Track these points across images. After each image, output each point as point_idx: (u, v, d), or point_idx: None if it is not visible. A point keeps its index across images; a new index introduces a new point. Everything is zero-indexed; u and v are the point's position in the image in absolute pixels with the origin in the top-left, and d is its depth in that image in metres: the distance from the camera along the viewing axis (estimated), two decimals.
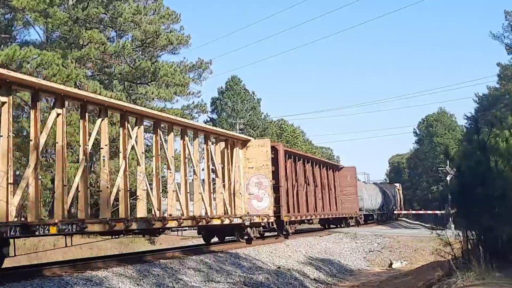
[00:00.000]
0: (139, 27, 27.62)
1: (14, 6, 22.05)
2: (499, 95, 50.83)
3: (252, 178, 18.94)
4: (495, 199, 9.13)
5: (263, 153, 19.07)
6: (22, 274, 9.58)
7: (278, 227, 20.22)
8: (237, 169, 18.40)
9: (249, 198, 18.80)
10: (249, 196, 18.81)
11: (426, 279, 10.58)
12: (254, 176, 19.00)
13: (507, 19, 49.05)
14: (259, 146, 19.22)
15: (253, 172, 18.94)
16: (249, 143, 19.19)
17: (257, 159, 18.95)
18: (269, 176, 18.87)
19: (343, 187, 31.15)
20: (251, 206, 18.75)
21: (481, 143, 9.59)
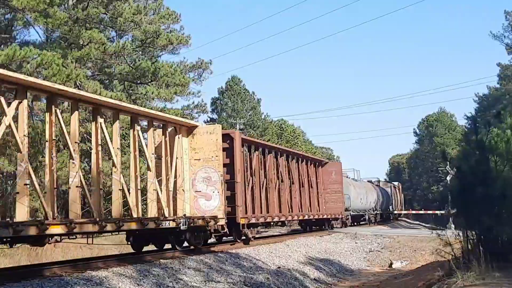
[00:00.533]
0: (139, 27, 27.59)
1: (14, 6, 22.03)
2: (499, 95, 50.83)
3: (199, 172, 15.70)
4: (495, 199, 9.13)
5: (213, 142, 15.82)
6: (22, 274, 9.59)
7: (233, 231, 17.50)
8: (179, 161, 15.32)
9: (196, 197, 15.64)
10: (196, 194, 15.65)
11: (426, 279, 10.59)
12: (201, 170, 15.72)
13: (507, 19, 49.10)
14: (208, 133, 15.94)
15: (201, 164, 15.72)
16: (196, 129, 16.08)
17: (205, 149, 15.75)
18: (219, 169, 15.66)
19: (327, 184, 28.30)
20: (197, 206, 15.65)
21: (480, 143, 9.60)
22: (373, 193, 40.77)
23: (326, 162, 30.02)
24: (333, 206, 28.25)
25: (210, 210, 15.51)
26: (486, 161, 9.44)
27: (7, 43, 26.78)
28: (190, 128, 16.20)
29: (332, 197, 28.36)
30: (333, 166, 29.69)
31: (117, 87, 30.08)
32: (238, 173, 17.13)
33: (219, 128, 16.26)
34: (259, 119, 56.68)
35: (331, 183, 28.39)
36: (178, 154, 15.38)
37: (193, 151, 15.96)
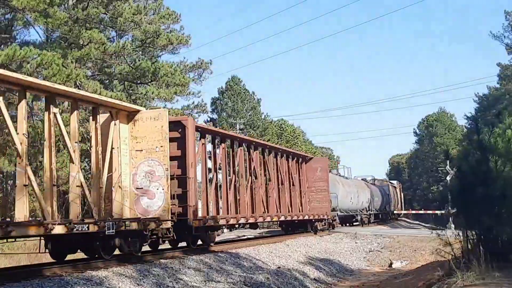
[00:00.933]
0: (139, 27, 27.60)
1: (14, 6, 22.02)
2: (499, 95, 50.83)
3: (141, 166, 13.24)
4: (495, 199, 9.13)
5: (157, 130, 13.33)
6: (22, 274, 9.59)
7: (184, 236, 14.86)
8: (115, 152, 12.90)
9: (137, 195, 13.13)
10: (137, 192, 13.13)
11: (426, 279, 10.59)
12: (144, 163, 13.26)
13: (507, 19, 49.04)
14: (152, 119, 13.45)
15: (143, 156, 13.26)
16: (139, 115, 13.56)
17: (149, 138, 13.32)
18: (164, 162, 13.11)
19: (312, 182, 25.74)
20: (139, 206, 13.15)
21: (481, 143, 9.60)
22: (366, 192, 38.05)
23: (311, 157, 27.32)
24: (318, 206, 25.65)
25: (154, 210, 12.99)
26: (486, 161, 9.44)
27: (7, 43, 26.78)
28: (131, 113, 13.62)
29: (317, 196, 25.77)
30: (319, 162, 26.94)
31: (117, 87, 30.08)
32: (191, 167, 14.46)
33: (165, 113, 13.65)
34: (259, 119, 56.70)
35: (316, 181, 25.84)
36: (115, 144, 12.90)
37: (135, 141, 13.45)
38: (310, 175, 25.83)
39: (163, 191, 13.05)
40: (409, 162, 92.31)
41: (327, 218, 26.72)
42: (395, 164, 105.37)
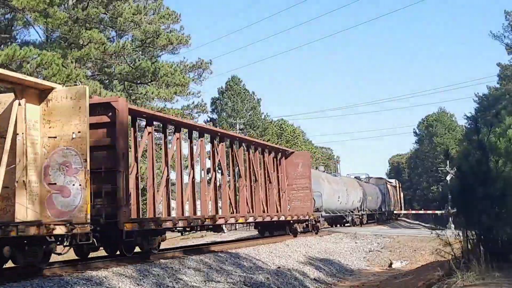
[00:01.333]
0: (139, 27, 27.62)
1: (14, 6, 22.04)
2: (499, 95, 50.85)
3: (54, 156, 10.59)
4: (495, 199, 9.14)
5: (75, 112, 10.61)
6: (22, 274, 9.58)
7: (113, 242, 12.23)
8: (20, 140, 10.32)
9: (49, 192, 10.48)
10: (49, 188, 10.50)
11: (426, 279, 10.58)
12: (58, 153, 10.59)
13: (507, 19, 49.08)
14: (69, 99, 10.71)
15: (57, 145, 10.58)
16: (53, 93, 10.80)
17: (64, 122, 10.63)
18: (82, 152, 10.41)
19: (293, 179, 23.19)
20: (52, 206, 10.43)
21: (481, 143, 9.60)
22: (358, 191, 35.14)
23: (291, 152, 24.26)
24: (299, 206, 22.99)
25: (69, 211, 10.31)
26: (486, 161, 9.44)
27: (7, 43, 26.80)
28: (43, 91, 10.85)
29: (298, 195, 23.14)
30: (300, 157, 23.94)
31: (117, 87, 30.10)
32: (122, 158, 11.93)
33: (85, 91, 10.74)
34: (259, 119, 56.72)
35: (297, 178, 23.18)
36: (19, 129, 10.33)
37: (47, 125, 10.75)
38: (291, 171, 23.12)
39: (80, 187, 10.37)
40: (409, 162, 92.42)
41: (310, 219, 23.66)
42: (395, 164, 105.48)
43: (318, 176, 27.33)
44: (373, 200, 39.84)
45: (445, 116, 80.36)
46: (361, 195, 35.66)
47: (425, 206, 66.30)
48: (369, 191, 38.94)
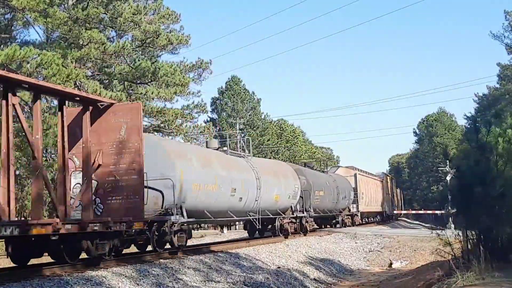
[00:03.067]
0: (139, 27, 27.59)
1: (14, 6, 22.02)
2: (499, 95, 50.81)
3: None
4: (494, 199, 9.14)
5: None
6: (22, 274, 9.58)
7: None
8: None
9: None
10: None
11: (426, 279, 10.59)
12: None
13: (507, 19, 49.00)
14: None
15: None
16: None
17: None
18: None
19: (112, 154, 12.73)
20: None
21: (481, 143, 9.60)
22: (290, 182, 22.71)
23: (108, 104, 12.86)
24: (119, 205, 12.61)
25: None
26: (486, 161, 9.44)
27: (7, 43, 26.79)
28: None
29: (119, 185, 12.63)
30: (123, 114, 12.75)
31: (117, 87, 30.08)
32: None
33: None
34: (259, 119, 56.70)
35: (121, 151, 12.73)
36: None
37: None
38: (108, 137, 12.69)
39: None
40: (409, 162, 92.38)
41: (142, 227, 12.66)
42: (395, 164, 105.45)
43: (168, 150, 15.01)
44: (328, 196, 28.00)
45: (445, 116, 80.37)
46: (297, 189, 23.20)
47: (425, 206, 66.28)
48: (320, 183, 27.03)
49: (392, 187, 51.36)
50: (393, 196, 51.81)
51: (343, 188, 31.67)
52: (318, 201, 26.21)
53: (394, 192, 53.46)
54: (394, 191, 53.59)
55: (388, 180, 49.06)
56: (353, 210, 34.36)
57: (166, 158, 14.46)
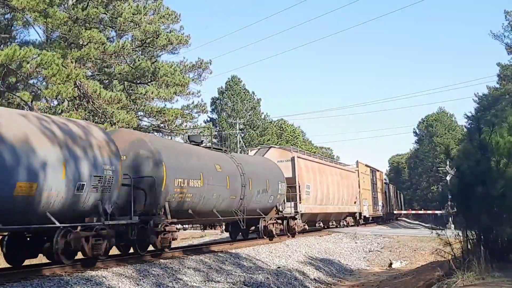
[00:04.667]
0: (139, 27, 27.58)
1: (14, 6, 22.00)
2: (499, 95, 50.82)
3: None
4: (495, 199, 9.13)
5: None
6: (22, 274, 9.58)
7: None
8: None
9: None
10: None
11: (426, 279, 10.58)
12: None
13: (507, 19, 49.02)
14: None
15: None
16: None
17: None
18: None
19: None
20: None
21: (482, 143, 9.59)
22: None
23: None
24: None
25: None
26: (487, 161, 9.44)
27: (7, 43, 26.78)
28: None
29: None
30: None
31: (116, 87, 30.08)
32: None
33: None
34: (259, 119, 56.72)
35: None
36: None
37: None
38: None
39: None
40: (409, 162, 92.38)
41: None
42: (395, 164, 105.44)
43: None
44: (216, 189, 16.12)
45: (445, 116, 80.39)
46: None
47: (425, 206, 66.28)
48: (190, 167, 15.07)
49: (383, 183, 43.65)
50: (386, 194, 44.46)
51: (262, 178, 19.35)
52: (184, 195, 14.48)
53: (387, 190, 46.14)
54: (388, 189, 46.76)
55: (373, 174, 38.88)
56: (289, 211, 21.89)
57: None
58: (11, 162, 8.89)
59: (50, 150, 9.75)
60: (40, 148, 9.53)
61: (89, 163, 10.62)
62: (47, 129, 9.99)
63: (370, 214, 36.26)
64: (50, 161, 9.61)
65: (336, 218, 30.66)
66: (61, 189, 9.84)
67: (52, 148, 9.83)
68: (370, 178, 37.73)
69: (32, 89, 26.51)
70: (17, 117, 9.83)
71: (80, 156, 10.44)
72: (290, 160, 23.79)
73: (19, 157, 9.06)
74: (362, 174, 34.94)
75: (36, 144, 9.47)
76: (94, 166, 10.74)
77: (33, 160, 9.30)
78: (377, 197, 39.85)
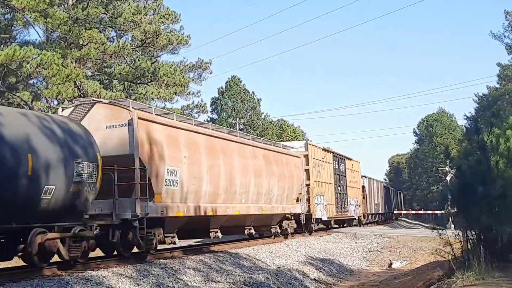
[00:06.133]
0: (139, 27, 27.58)
1: (14, 6, 22.00)
2: (499, 95, 50.79)
3: None
4: (495, 199, 9.13)
5: None
6: (22, 274, 9.58)
7: None
8: None
9: None
10: None
11: (426, 279, 10.58)
12: None
13: (507, 19, 49.01)
14: None
15: None
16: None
17: None
18: None
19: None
20: None
21: (481, 143, 9.59)
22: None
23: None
24: None
25: None
26: (486, 161, 9.44)
27: (7, 43, 26.78)
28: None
29: None
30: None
31: (116, 87, 30.08)
32: None
33: None
34: (259, 119, 56.72)
35: None
36: None
37: None
38: None
39: None
40: (409, 162, 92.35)
41: None
42: (395, 164, 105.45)
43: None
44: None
45: (445, 116, 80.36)
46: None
47: (425, 206, 66.27)
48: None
49: (359, 176, 34.24)
50: (368, 191, 35.62)
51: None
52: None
53: (373, 186, 37.61)
54: (374, 185, 37.81)
55: (339, 162, 29.11)
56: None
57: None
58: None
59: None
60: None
61: None
62: None
63: (331, 217, 26.71)
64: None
65: (261, 223, 19.62)
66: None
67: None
68: (332, 168, 27.57)
69: (32, 89, 26.54)
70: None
71: None
72: (126, 125, 12.76)
73: None
74: (315, 160, 24.72)
75: None
76: None
77: None
78: (346, 193, 29.92)
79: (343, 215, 28.74)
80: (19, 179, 9.00)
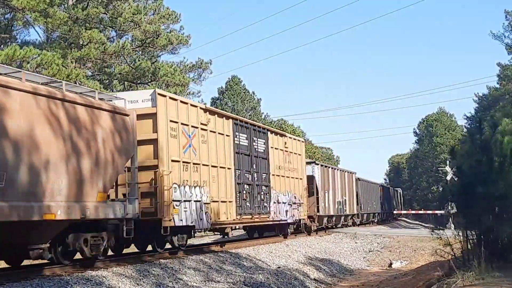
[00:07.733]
0: (139, 27, 27.59)
1: (14, 6, 22.02)
2: (499, 95, 50.80)
3: None
4: (495, 199, 9.12)
5: None
6: (22, 274, 9.58)
7: None
8: None
9: None
10: None
11: (426, 279, 10.58)
12: None
13: (507, 19, 49.04)
14: None
15: None
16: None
17: None
18: None
19: None
20: None
21: (483, 143, 9.57)
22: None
23: None
24: None
25: None
26: (487, 161, 9.42)
27: (7, 43, 26.79)
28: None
29: None
30: None
31: (116, 87, 30.09)
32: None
33: None
34: (259, 119, 56.69)
35: None
36: None
37: None
38: None
39: None
40: (409, 162, 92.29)
41: None
42: (395, 164, 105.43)
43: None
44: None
45: (445, 116, 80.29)
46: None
47: (425, 206, 66.25)
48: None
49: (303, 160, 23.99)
50: (318, 184, 26.07)
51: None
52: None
53: (327, 177, 27.77)
54: (323, 175, 27.01)
55: (257, 135, 18.90)
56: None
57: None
58: None
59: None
60: None
61: None
62: None
63: (224, 222, 16.26)
64: None
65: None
66: None
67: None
68: (232, 143, 17.05)
69: None
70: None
71: None
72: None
73: None
74: (178, 125, 13.98)
75: None
76: None
77: None
78: (269, 185, 19.44)
79: (260, 218, 18.73)
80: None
